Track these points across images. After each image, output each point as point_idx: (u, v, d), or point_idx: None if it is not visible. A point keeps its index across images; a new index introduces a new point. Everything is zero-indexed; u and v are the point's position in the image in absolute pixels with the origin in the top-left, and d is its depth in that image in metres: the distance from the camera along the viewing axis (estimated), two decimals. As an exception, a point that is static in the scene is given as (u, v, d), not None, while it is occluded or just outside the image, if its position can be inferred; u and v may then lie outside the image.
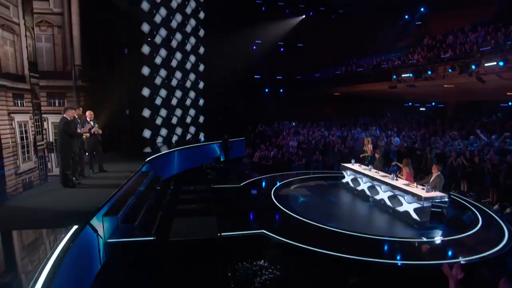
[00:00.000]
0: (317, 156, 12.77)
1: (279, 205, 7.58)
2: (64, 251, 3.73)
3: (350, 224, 6.71)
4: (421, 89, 15.82)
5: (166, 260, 5.25)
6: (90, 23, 11.03)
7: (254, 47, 21.50)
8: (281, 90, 23.61)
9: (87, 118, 7.27)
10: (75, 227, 4.30)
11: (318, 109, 24.00)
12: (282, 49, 23.00)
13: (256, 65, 21.07)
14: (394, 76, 16.24)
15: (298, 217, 6.78)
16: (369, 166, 8.72)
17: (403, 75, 15.86)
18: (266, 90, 23.30)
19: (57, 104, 11.37)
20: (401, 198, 7.17)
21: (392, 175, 7.62)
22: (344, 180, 9.84)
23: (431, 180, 7.03)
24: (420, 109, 22.46)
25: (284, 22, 21.40)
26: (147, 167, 9.19)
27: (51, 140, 11.69)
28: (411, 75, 15.21)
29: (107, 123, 10.88)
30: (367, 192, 8.55)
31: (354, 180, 9.24)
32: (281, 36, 21.59)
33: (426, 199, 6.48)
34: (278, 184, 9.56)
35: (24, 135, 11.59)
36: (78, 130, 6.17)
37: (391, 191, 7.51)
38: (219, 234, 5.79)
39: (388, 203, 7.63)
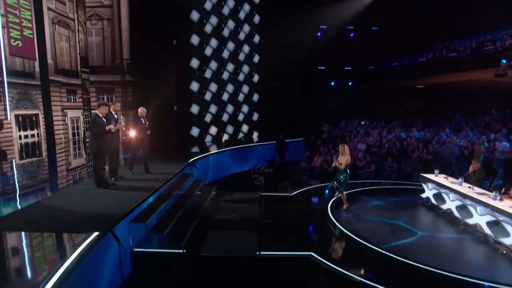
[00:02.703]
0: (390, 163, 11.51)
1: (336, 223, 6.83)
2: (78, 259, 3.71)
3: (430, 255, 5.64)
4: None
5: (195, 277, 5.02)
6: (138, 14, 11.65)
7: (318, 34, 20.59)
8: (350, 83, 22.27)
9: (139, 115, 7.45)
10: (96, 233, 4.31)
11: (395, 106, 22.01)
12: (352, 34, 21.61)
13: (320, 54, 20.15)
14: (504, 61, 13.81)
15: (360, 240, 5.95)
16: (460, 180, 7.32)
17: (517, 59, 13.42)
18: (332, 83, 22.20)
19: (105, 99, 12.29)
20: (507, 227, 5.81)
21: (494, 193, 6.24)
22: (423, 195, 8.56)
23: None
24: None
25: (355, 2, 20.03)
26: (190, 169, 9.26)
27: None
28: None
29: (154, 120, 11.34)
30: (456, 214, 7.23)
31: (438, 196, 7.94)
32: (351, 18, 20.23)
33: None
34: (337, 196, 8.73)
35: (75, 131, 12.86)
36: (111, 127, 6.33)
37: (491, 215, 6.16)
38: (258, 253, 5.36)
39: (487, 231, 6.27)
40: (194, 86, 13.11)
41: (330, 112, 20.17)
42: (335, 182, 7.78)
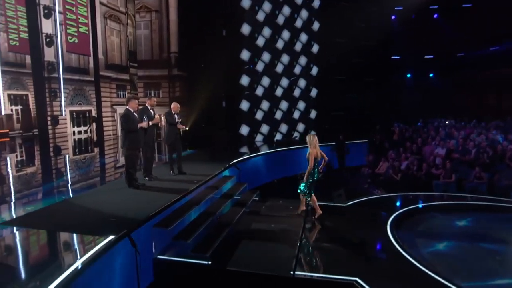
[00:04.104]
0: (479, 173, 10.17)
1: (396, 244, 6.11)
2: (86, 264, 3.79)
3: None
4: None
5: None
6: (187, 4, 12.01)
7: (393, 17, 19.14)
8: (431, 75, 20.34)
9: (174, 111, 7.64)
10: (111, 237, 4.40)
11: (491, 101, 19.48)
12: (436, 15, 19.64)
13: (395, 41, 18.71)
14: None
15: (428, 272, 5.17)
16: None
17: None
18: (408, 75, 20.54)
19: (152, 95, 12.95)
20: None
21: None
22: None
23: None
24: None
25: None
26: (232, 171, 9.22)
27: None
28: None
29: (201, 116, 11.62)
30: None
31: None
32: (435, -4, 18.38)
33: None
34: (402, 210, 7.93)
35: (123, 128, 13.78)
36: (144, 124, 6.49)
37: None
38: (291, 273, 5.02)
39: None
40: (244, 80, 13.10)
41: (404, 109, 18.64)
42: (301, 186, 7.01)
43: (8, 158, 11.31)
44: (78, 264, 3.78)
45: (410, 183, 10.51)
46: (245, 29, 12.76)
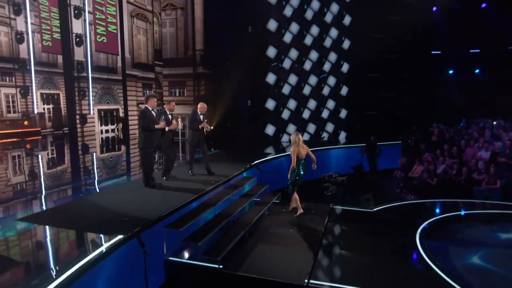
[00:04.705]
0: (527, 179, 9.46)
1: (425, 256, 5.75)
2: (90, 264, 3.88)
3: None
4: None
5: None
6: (212, 1, 12.13)
7: (434, 8, 18.28)
8: (477, 71, 19.20)
9: (200, 112, 7.68)
10: (119, 237, 4.49)
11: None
12: (484, 5, 18.52)
13: (436, 35, 17.84)
14: None
15: (458, 286, 4.85)
16: None
17: None
18: (451, 71, 19.52)
19: (177, 94, 13.20)
20: None
21: None
22: None
23: None
24: None
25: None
26: (252, 172, 9.17)
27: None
28: None
29: (225, 116, 11.69)
30: None
31: None
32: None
33: None
34: (436, 218, 7.52)
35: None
36: (162, 125, 6.60)
37: None
38: (306, 281, 4.88)
39: None
40: (271, 78, 13.02)
41: (445, 108, 17.74)
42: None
43: (40, 156, 11.93)
44: (83, 262, 3.86)
45: (448, 188, 9.96)
46: (272, 25, 12.68)
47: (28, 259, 4.28)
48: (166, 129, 6.84)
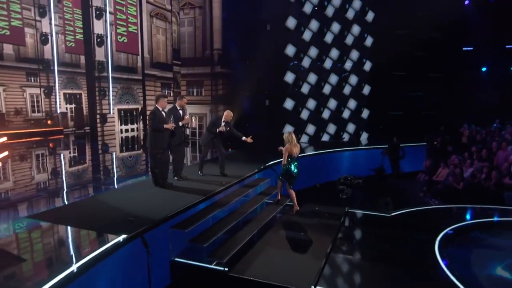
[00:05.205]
0: None
1: (443, 267, 5.52)
2: (91, 263, 3.98)
3: None
4: None
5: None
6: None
7: (466, 2, 17.57)
8: (513, 68, 18.33)
9: (225, 119, 7.75)
10: (123, 236, 4.58)
11: None
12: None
13: (467, 30, 17.15)
14: None
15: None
16: None
17: None
18: (483, 69, 18.71)
19: (195, 94, 13.34)
20: None
21: None
22: None
23: None
24: None
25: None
26: (267, 173, 9.13)
27: (187, 133, 13.90)
28: None
29: (243, 116, 11.71)
30: None
31: None
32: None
33: None
34: (460, 224, 7.22)
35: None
36: (171, 126, 6.67)
37: None
38: None
39: None
40: (289, 77, 12.94)
41: (477, 108, 17.01)
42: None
43: (62, 155, 12.37)
44: (85, 261, 3.97)
45: (475, 193, 9.57)
46: (291, 22, 12.59)
47: (29, 256, 4.40)
48: (180, 123, 6.92)
